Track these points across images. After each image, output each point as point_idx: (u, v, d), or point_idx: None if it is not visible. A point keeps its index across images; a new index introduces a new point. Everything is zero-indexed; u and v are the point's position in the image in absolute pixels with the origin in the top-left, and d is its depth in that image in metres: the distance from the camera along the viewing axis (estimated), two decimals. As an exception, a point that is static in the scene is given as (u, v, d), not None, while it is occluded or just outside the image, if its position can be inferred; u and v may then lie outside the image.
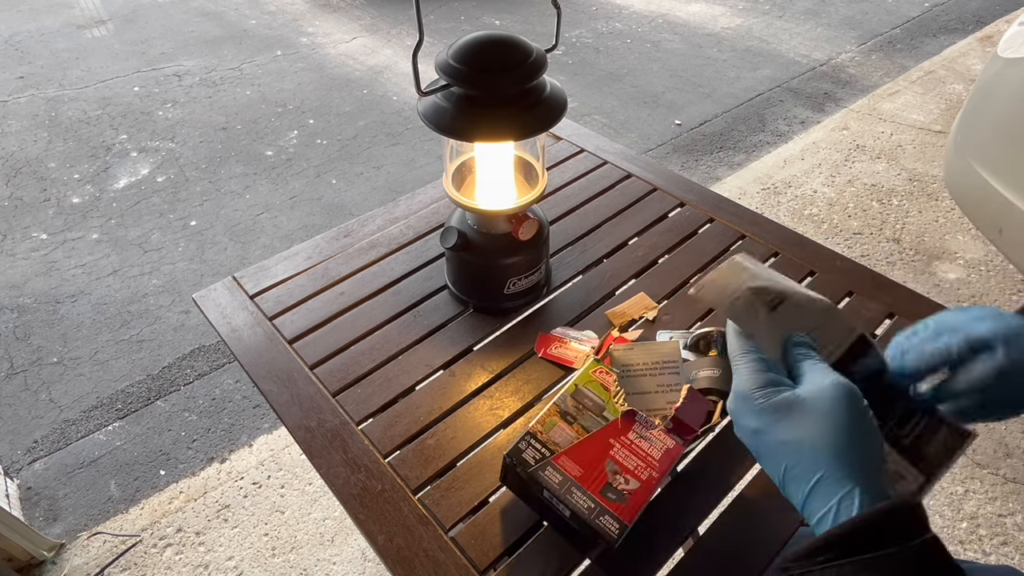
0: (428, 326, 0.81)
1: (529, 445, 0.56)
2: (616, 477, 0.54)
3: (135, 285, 2.00)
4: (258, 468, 1.49)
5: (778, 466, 0.37)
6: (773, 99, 2.88)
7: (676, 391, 0.61)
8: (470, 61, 0.62)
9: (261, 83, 3.06)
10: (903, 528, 0.32)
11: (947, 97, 2.76)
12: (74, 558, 1.34)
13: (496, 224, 0.77)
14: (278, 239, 2.18)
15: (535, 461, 0.55)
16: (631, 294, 0.84)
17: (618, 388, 0.60)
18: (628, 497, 0.53)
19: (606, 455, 0.56)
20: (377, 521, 0.61)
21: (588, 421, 0.58)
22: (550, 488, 0.54)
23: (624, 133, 2.70)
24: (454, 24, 3.61)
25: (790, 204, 2.23)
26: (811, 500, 0.35)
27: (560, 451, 0.56)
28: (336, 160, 2.55)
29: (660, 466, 0.55)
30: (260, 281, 0.87)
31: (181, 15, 3.76)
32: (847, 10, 3.68)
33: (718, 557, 0.59)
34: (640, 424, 0.57)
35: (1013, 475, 1.42)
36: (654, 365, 0.64)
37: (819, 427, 0.35)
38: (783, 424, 0.37)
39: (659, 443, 0.56)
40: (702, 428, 0.58)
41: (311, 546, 1.34)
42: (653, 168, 1.07)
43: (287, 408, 0.71)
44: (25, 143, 2.66)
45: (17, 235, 2.20)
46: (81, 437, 1.59)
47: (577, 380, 0.60)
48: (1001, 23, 3.37)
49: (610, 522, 0.52)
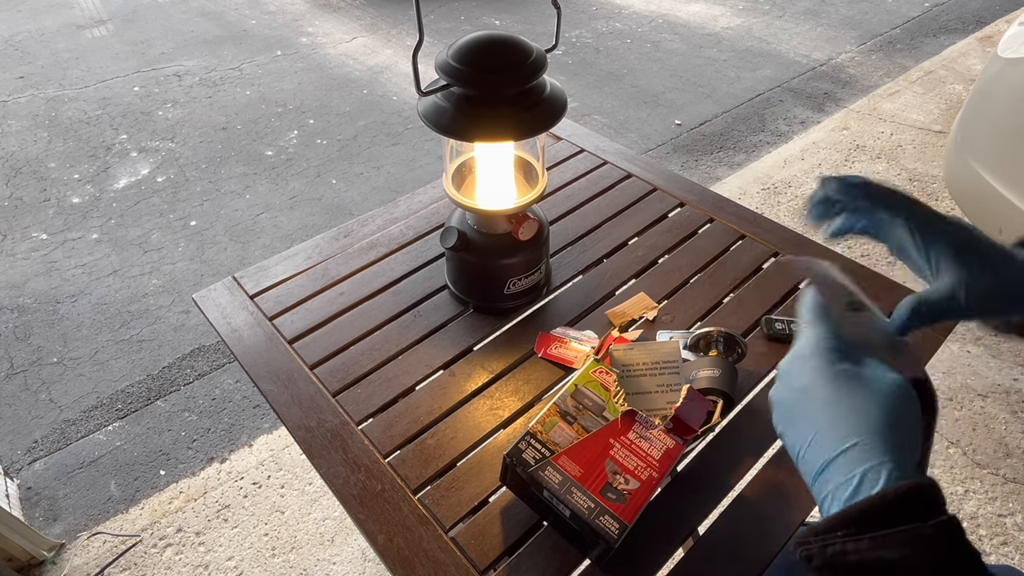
0: (428, 326, 0.81)
1: (529, 445, 0.56)
2: (616, 477, 0.54)
3: (135, 285, 2.00)
4: (258, 468, 1.49)
5: (809, 429, 0.36)
6: (773, 99, 2.88)
7: (676, 391, 0.61)
8: (470, 61, 0.62)
9: (261, 83, 3.06)
10: (923, 507, 0.32)
11: (947, 97, 2.76)
12: (74, 558, 1.34)
13: (496, 224, 0.77)
14: (278, 239, 2.18)
15: (535, 461, 0.55)
16: (631, 294, 0.84)
17: (618, 388, 0.60)
18: (628, 497, 0.53)
19: (606, 455, 0.56)
20: (377, 521, 0.61)
21: (588, 421, 0.58)
22: (550, 488, 0.54)
23: (624, 133, 2.70)
24: (454, 24, 3.61)
25: (790, 204, 2.23)
26: (832, 468, 0.34)
27: (560, 451, 0.56)
28: (336, 160, 2.55)
29: (660, 466, 0.55)
30: (260, 281, 0.87)
31: (181, 15, 3.76)
32: (847, 10, 3.68)
33: (718, 557, 0.59)
34: (640, 424, 0.57)
35: (1013, 475, 1.42)
36: (654, 365, 0.64)
37: (870, 401, 0.35)
38: (834, 387, 0.36)
39: (659, 443, 0.56)
40: (702, 428, 0.58)
41: (311, 546, 1.34)
42: (653, 168, 1.07)
43: (287, 408, 0.71)
44: (25, 143, 2.66)
45: (17, 235, 2.20)
46: (81, 437, 1.59)
47: (577, 380, 0.60)
48: (1001, 23, 3.37)
49: (610, 522, 0.52)
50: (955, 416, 1.54)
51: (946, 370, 1.64)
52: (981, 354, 1.67)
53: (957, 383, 1.61)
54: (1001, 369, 1.64)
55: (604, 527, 0.52)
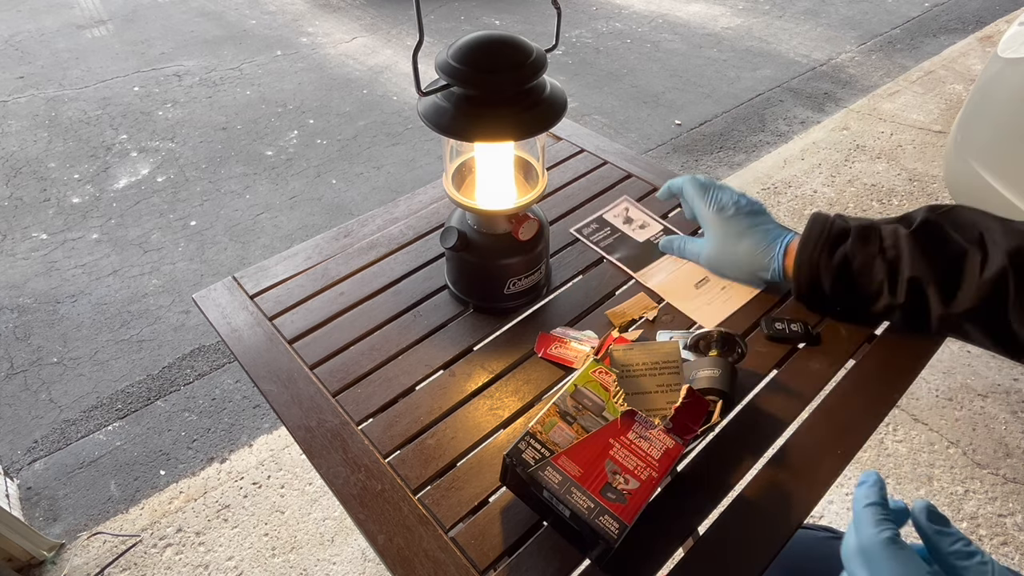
0: (428, 326, 0.81)
1: (529, 445, 0.56)
2: (616, 477, 0.54)
3: (135, 285, 2.00)
4: (258, 468, 1.49)
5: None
6: (773, 99, 2.88)
7: (676, 391, 0.61)
8: (470, 61, 0.62)
9: (261, 83, 3.06)
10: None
11: (947, 97, 2.76)
12: (74, 558, 1.34)
13: (496, 224, 0.77)
14: (278, 239, 2.18)
15: (535, 461, 0.55)
16: (631, 294, 0.84)
17: (618, 388, 0.60)
18: (628, 497, 0.53)
19: (606, 455, 0.56)
20: (377, 521, 0.61)
21: (588, 421, 0.58)
22: (550, 488, 0.54)
23: (624, 133, 2.70)
24: (454, 24, 3.61)
25: (790, 204, 2.23)
26: None
27: (560, 451, 0.56)
28: (336, 160, 2.55)
29: (660, 466, 0.55)
30: (260, 281, 0.87)
31: (181, 15, 3.76)
32: (847, 10, 3.68)
33: (718, 557, 0.59)
34: (640, 424, 0.57)
35: (1013, 475, 1.42)
36: (654, 365, 0.64)
37: None
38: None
39: (659, 443, 0.56)
40: (702, 428, 0.58)
41: (311, 546, 1.34)
42: (653, 168, 1.07)
43: (287, 408, 0.71)
44: (25, 143, 2.66)
45: (17, 235, 2.20)
46: (81, 437, 1.59)
47: (576, 380, 0.60)
48: (1001, 23, 3.37)
49: (610, 522, 0.52)
50: (955, 416, 1.54)
51: (946, 370, 1.64)
52: (981, 354, 1.67)
53: (957, 383, 1.61)
54: (1001, 369, 1.64)
55: (604, 527, 0.52)
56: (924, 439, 1.50)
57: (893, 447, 1.49)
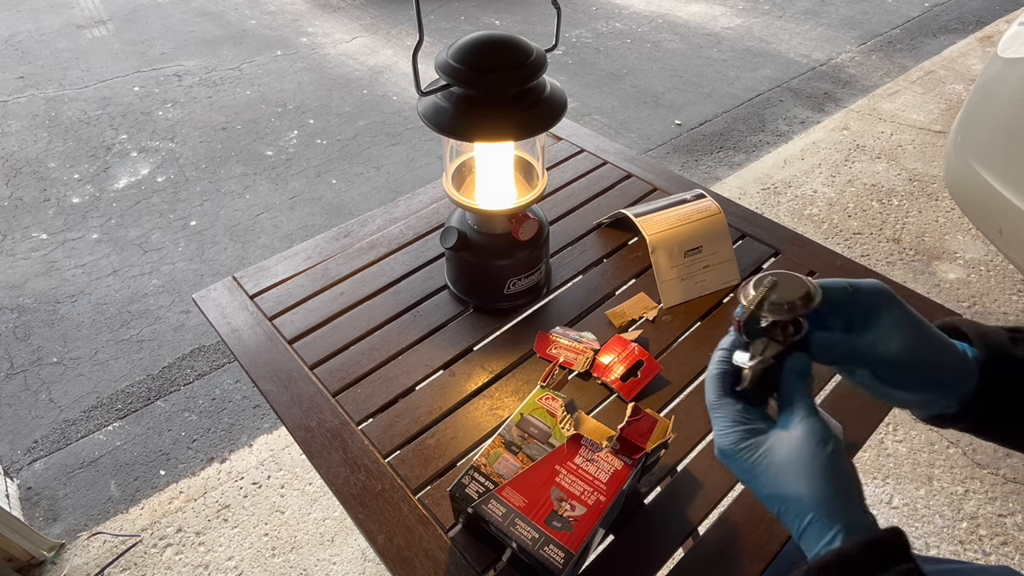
0: (428, 326, 0.81)
1: (472, 479, 0.55)
2: (562, 504, 0.53)
3: (135, 285, 2.00)
4: (258, 468, 1.49)
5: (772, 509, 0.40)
6: (773, 99, 2.88)
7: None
8: (470, 61, 0.62)
9: (261, 83, 3.06)
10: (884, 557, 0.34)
11: (947, 97, 2.76)
12: (74, 558, 1.34)
13: (496, 224, 0.77)
14: (278, 239, 2.18)
15: (478, 495, 0.54)
16: (631, 294, 0.84)
17: (564, 413, 0.59)
18: (575, 524, 0.52)
19: (551, 482, 0.55)
20: (377, 521, 0.61)
21: (533, 449, 0.57)
22: (494, 522, 0.53)
23: (624, 133, 2.70)
24: (454, 24, 3.61)
25: (790, 204, 2.23)
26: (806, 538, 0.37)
27: (504, 482, 0.55)
28: (336, 160, 2.55)
29: (608, 489, 0.54)
30: (260, 281, 0.88)
31: (181, 15, 3.76)
32: (847, 10, 3.68)
33: (718, 557, 0.59)
34: (587, 447, 0.57)
35: (1013, 475, 1.42)
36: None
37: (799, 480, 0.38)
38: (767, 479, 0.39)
39: (606, 465, 0.56)
40: (652, 446, 0.56)
41: (311, 546, 1.34)
42: (653, 168, 1.07)
43: (287, 408, 0.71)
44: (25, 143, 2.66)
45: (17, 235, 2.20)
46: (81, 437, 1.59)
47: (523, 409, 0.60)
48: (1001, 23, 3.37)
49: (555, 551, 0.51)
50: (955, 416, 1.54)
51: (946, 370, 1.64)
52: (981, 354, 1.67)
53: (957, 383, 1.61)
54: (1001, 369, 1.64)
55: (549, 557, 0.51)
56: (924, 439, 1.50)
57: (893, 447, 1.49)
